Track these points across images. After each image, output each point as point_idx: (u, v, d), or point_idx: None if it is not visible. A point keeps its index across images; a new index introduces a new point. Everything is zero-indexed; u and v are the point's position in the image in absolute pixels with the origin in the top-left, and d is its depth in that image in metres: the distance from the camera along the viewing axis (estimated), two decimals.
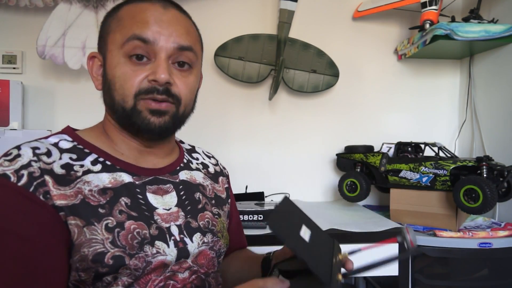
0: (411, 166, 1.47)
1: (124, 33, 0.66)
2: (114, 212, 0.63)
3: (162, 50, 0.66)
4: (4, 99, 1.59)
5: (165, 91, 0.67)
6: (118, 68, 0.66)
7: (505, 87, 1.65)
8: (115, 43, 0.67)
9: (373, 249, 0.72)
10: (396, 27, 1.94)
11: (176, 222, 0.70)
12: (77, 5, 1.62)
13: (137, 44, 0.65)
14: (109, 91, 0.68)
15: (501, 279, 1.37)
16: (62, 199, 0.60)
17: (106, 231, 0.62)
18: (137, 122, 0.67)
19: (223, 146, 1.85)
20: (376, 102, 1.95)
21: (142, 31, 0.65)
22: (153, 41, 0.65)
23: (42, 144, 0.65)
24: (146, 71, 0.66)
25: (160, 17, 0.67)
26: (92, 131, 0.73)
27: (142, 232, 0.65)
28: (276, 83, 1.73)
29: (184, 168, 0.80)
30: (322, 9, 1.90)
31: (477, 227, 1.46)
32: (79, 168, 0.65)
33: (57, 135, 0.69)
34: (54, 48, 1.60)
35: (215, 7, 1.84)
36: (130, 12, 0.68)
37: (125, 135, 0.72)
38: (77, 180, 0.63)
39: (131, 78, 0.66)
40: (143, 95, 0.66)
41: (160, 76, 0.65)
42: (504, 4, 1.67)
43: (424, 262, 1.38)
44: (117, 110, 0.68)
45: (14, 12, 1.71)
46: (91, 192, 0.63)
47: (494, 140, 1.71)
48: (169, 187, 0.73)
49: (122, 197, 0.66)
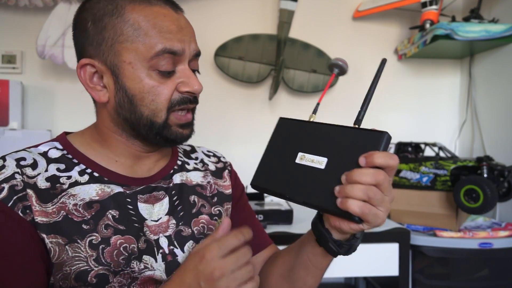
0: (411, 166, 1.47)
1: (149, 45, 0.61)
2: (99, 227, 0.61)
3: (186, 59, 0.65)
4: (4, 99, 1.59)
5: (194, 99, 0.68)
6: (145, 82, 0.62)
7: (506, 87, 1.65)
8: (137, 55, 0.61)
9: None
10: (396, 27, 1.94)
11: (165, 233, 0.67)
12: (77, 5, 1.62)
13: (167, 57, 0.62)
14: (133, 106, 0.63)
15: (502, 279, 1.37)
16: (43, 216, 0.58)
17: (90, 248, 0.59)
18: (169, 137, 0.66)
19: (223, 146, 1.85)
20: (376, 102, 1.93)
21: (172, 43, 0.62)
22: (182, 52, 0.63)
23: (30, 154, 0.63)
24: (174, 82, 0.64)
25: (178, 23, 0.64)
26: (83, 137, 0.70)
27: (130, 247, 0.62)
28: (276, 83, 1.73)
29: (179, 170, 0.76)
30: (322, 9, 1.90)
31: (477, 227, 1.46)
32: (66, 180, 0.63)
33: (49, 143, 0.67)
34: (54, 48, 1.60)
35: (215, 7, 1.84)
36: (146, 18, 0.62)
37: (125, 139, 0.68)
38: (62, 193, 0.61)
39: (163, 92, 0.63)
40: (175, 106, 0.65)
41: (195, 87, 0.65)
42: (504, 4, 1.66)
43: (424, 262, 1.38)
44: (144, 125, 0.64)
45: (13, 12, 1.71)
46: (76, 207, 0.61)
47: (495, 140, 1.70)
48: (162, 193, 0.70)
49: (109, 210, 0.63)
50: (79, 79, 0.65)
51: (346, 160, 0.54)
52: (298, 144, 0.60)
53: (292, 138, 0.62)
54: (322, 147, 0.57)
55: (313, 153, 0.57)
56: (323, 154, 0.56)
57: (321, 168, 0.55)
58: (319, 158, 0.56)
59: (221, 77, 1.85)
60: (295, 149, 0.60)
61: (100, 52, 0.63)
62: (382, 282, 1.60)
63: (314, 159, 0.57)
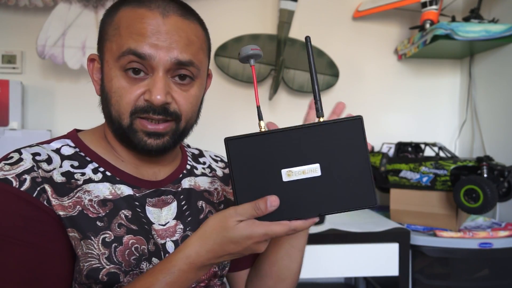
0: (411, 166, 1.47)
1: (120, 44, 0.61)
2: (112, 225, 0.61)
3: (160, 66, 0.60)
4: (4, 99, 1.59)
5: (162, 110, 0.62)
6: (114, 81, 0.62)
7: (506, 87, 1.65)
8: (111, 54, 0.62)
9: None
10: (396, 27, 1.94)
11: (172, 237, 0.68)
12: (77, 5, 1.62)
13: (132, 59, 0.60)
14: (106, 104, 0.64)
15: (502, 279, 1.37)
16: (60, 209, 0.59)
17: (102, 246, 0.60)
18: (133, 141, 0.63)
19: (222, 146, 1.85)
20: (376, 102, 1.95)
21: (137, 45, 0.59)
22: (150, 56, 0.59)
23: (43, 149, 0.63)
24: (142, 87, 0.61)
25: (157, 28, 0.60)
26: (94, 135, 0.71)
27: (140, 247, 0.63)
28: (276, 83, 1.73)
29: (188, 175, 0.76)
30: (322, 9, 1.90)
31: (477, 227, 1.46)
32: (80, 176, 0.63)
33: (61, 140, 0.67)
34: (54, 48, 1.60)
35: (215, 7, 1.84)
36: (127, 19, 0.62)
37: (126, 146, 0.68)
38: (78, 188, 0.62)
39: (127, 95, 0.61)
40: (139, 113, 0.61)
41: (156, 97, 0.60)
42: (504, 4, 1.66)
43: (424, 262, 1.38)
44: (114, 124, 0.64)
45: (13, 12, 1.71)
46: (91, 203, 0.61)
47: (494, 140, 1.70)
48: (170, 197, 0.71)
49: (122, 210, 0.64)
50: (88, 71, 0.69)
51: (338, 157, 0.53)
52: (272, 161, 0.53)
53: (259, 157, 0.54)
54: (304, 154, 0.53)
55: (299, 164, 0.53)
56: (311, 161, 0.53)
57: (318, 175, 0.53)
58: (310, 166, 0.53)
59: (221, 77, 1.85)
60: (273, 168, 0.53)
61: (99, 49, 0.67)
62: (382, 282, 1.60)
63: (305, 170, 0.53)
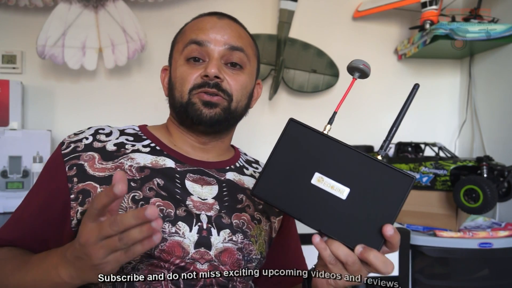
0: (411, 166, 1.47)
1: (184, 40, 0.76)
2: (144, 188, 0.68)
3: (215, 51, 0.73)
4: (4, 99, 1.59)
5: (215, 85, 0.72)
6: (178, 69, 0.75)
7: (505, 87, 1.65)
8: (178, 51, 0.77)
9: None
10: (396, 27, 1.94)
11: (208, 212, 0.70)
12: (77, 5, 1.62)
13: (193, 48, 0.74)
14: (171, 91, 0.76)
15: (502, 279, 1.37)
16: (101, 171, 0.69)
17: (132, 201, 0.66)
18: (190, 114, 0.72)
19: None
20: (376, 102, 1.95)
21: (197, 36, 0.74)
22: (207, 42, 0.73)
23: (110, 128, 0.76)
24: (200, 70, 0.73)
25: (214, 24, 0.76)
26: (157, 127, 0.82)
27: (166, 210, 0.67)
28: (276, 83, 1.73)
29: (234, 169, 0.79)
30: (322, 9, 1.90)
31: (477, 227, 1.46)
32: (130, 147, 0.73)
33: (131, 126, 0.79)
34: (54, 48, 1.60)
35: (215, 7, 1.83)
36: (190, 25, 0.78)
37: (182, 130, 0.77)
38: (123, 156, 0.71)
39: (188, 76, 0.73)
40: (196, 89, 0.72)
41: (210, 70, 0.71)
42: (504, 4, 1.67)
43: (424, 262, 1.38)
44: (176, 106, 0.75)
45: (13, 12, 1.71)
46: (130, 168, 0.70)
47: (494, 140, 1.70)
48: (212, 180, 0.74)
49: (156, 178, 0.70)
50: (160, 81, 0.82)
51: (369, 196, 0.52)
52: (314, 160, 0.55)
53: (306, 150, 0.56)
54: (345, 173, 0.53)
55: (334, 179, 0.53)
56: (345, 183, 0.53)
57: (342, 198, 0.53)
58: (341, 186, 0.53)
59: None
60: (311, 166, 0.55)
61: (169, 60, 0.81)
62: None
63: (335, 186, 0.53)
